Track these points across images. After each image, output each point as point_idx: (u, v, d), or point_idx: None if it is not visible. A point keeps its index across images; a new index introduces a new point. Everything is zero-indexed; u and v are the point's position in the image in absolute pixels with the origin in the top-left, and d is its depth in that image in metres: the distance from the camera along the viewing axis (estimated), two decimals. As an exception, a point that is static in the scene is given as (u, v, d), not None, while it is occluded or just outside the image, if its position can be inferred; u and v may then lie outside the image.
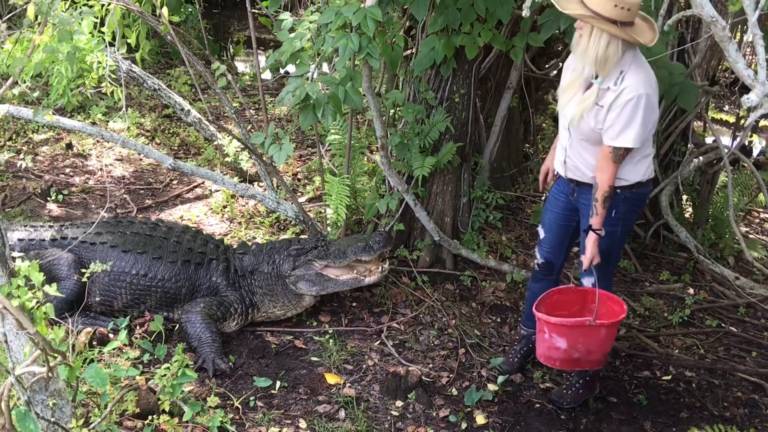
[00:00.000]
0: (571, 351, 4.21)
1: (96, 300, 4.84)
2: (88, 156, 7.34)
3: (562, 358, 4.27)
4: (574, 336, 4.18)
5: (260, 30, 10.03)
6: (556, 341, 4.22)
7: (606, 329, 4.17)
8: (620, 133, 3.87)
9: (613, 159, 3.94)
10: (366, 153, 6.53)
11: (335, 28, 4.48)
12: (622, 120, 3.85)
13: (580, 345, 4.19)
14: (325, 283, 4.97)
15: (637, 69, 3.84)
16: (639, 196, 4.20)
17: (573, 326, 4.18)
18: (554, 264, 4.55)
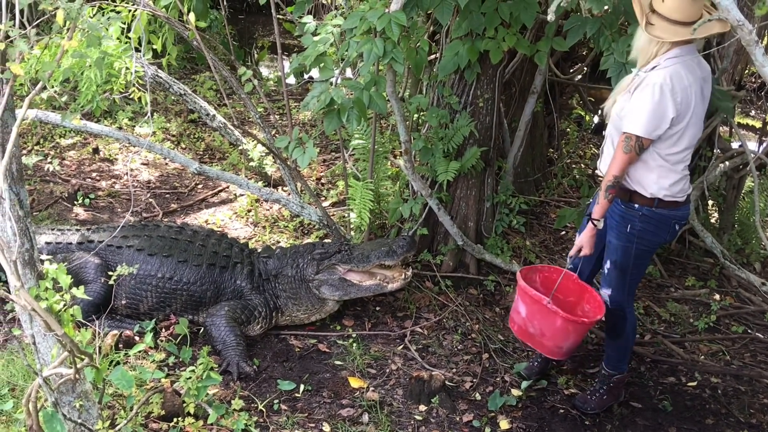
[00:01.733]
0: (527, 323, 4.29)
1: (122, 303, 4.89)
2: (114, 160, 7.41)
3: (519, 325, 4.38)
4: (531, 310, 4.25)
5: (285, 35, 10.08)
6: (518, 305, 4.32)
7: (562, 320, 4.15)
8: (632, 118, 3.86)
9: (624, 148, 3.90)
10: (389, 157, 6.55)
11: (360, 33, 4.49)
12: (634, 105, 3.86)
13: (536, 322, 4.25)
14: (348, 288, 4.99)
15: (670, 65, 3.81)
16: (660, 217, 4.08)
17: (530, 298, 4.23)
18: (582, 272, 4.51)
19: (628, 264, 4.20)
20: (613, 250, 4.22)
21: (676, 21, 3.74)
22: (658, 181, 4.01)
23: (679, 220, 4.19)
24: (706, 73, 3.99)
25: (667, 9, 3.74)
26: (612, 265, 4.25)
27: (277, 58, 6.05)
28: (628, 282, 4.31)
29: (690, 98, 3.84)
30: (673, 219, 4.14)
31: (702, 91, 3.94)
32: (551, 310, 4.15)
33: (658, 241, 4.26)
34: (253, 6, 13.49)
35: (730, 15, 2.55)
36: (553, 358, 4.49)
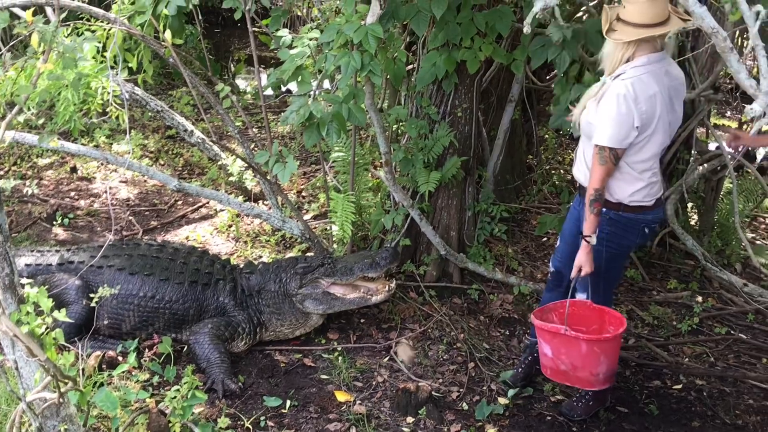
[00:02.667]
0: (556, 361, 4.21)
1: (104, 323, 4.85)
2: (92, 179, 7.37)
3: (551, 367, 4.29)
4: (555, 344, 4.20)
5: (261, 48, 10.06)
6: (543, 347, 4.26)
7: (585, 344, 4.12)
8: (600, 130, 3.88)
9: (598, 160, 3.92)
10: (370, 169, 6.55)
11: (337, 46, 4.49)
12: (601, 116, 3.88)
13: (563, 356, 4.19)
14: (331, 301, 4.97)
15: (635, 73, 3.83)
16: (627, 221, 4.11)
17: (549, 333, 4.19)
18: (564, 275, 4.53)
19: (599, 267, 4.20)
20: None
21: (637, 24, 3.77)
22: (624, 187, 4.05)
23: (649, 223, 4.21)
24: (676, 81, 4.00)
25: (629, 14, 3.77)
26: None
27: (254, 70, 6.04)
28: (602, 285, 4.33)
29: (655, 107, 3.85)
30: (641, 223, 4.17)
31: (671, 99, 3.94)
32: (572, 337, 4.11)
33: (628, 244, 4.28)
34: (229, 19, 13.43)
35: (704, 23, 2.57)
36: (596, 388, 4.35)
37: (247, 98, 10.19)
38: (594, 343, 4.14)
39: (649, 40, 3.79)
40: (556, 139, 8.43)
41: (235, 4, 5.21)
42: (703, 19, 2.59)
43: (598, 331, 4.33)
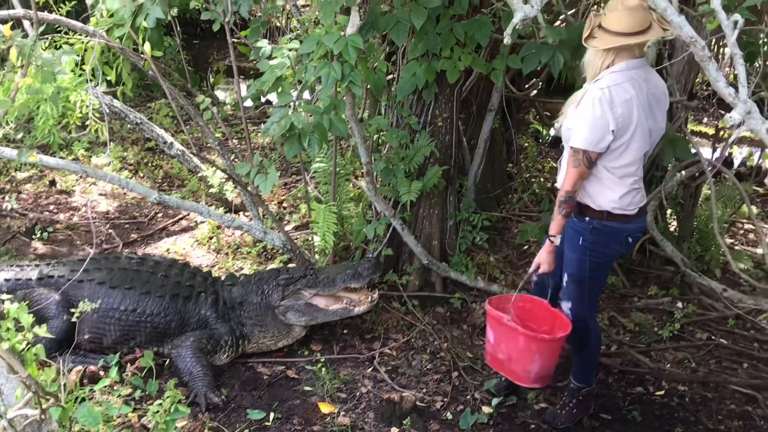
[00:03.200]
0: (496, 348, 4.32)
1: (85, 338, 4.80)
2: (71, 192, 7.31)
3: (491, 353, 4.42)
4: (498, 333, 4.30)
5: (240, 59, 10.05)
6: (488, 333, 4.37)
7: (524, 339, 4.18)
8: (576, 132, 3.90)
9: (573, 163, 3.93)
10: (351, 179, 6.54)
11: (317, 57, 4.49)
12: (577, 120, 3.90)
13: (503, 346, 4.29)
14: (314, 313, 4.96)
15: (612, 77, 3.85)
16: (610, 230, 4.10)
17: (496, 321, 4.27)
18: (546, 285, 4.54)
19: (583, 276, 4.22)
20: (568, 262, 4.25)
21: (616, 32, 3.80)
22: (606, 193, 4.03)
23: (632, 232, 4.20)
24: (657, 89, 4.02)
25: (609, 22, 3.80)
26: (569, 277, 4.28)
27: (233, 81, 6.03)
28: (586, 294, 4.33)
29: (632, 111, 3.85)
30: (624, 232, 4.16)
31: (650, 106, 3.95)
32: (512, 328, 4.17)
33: (611, 253, 4.29)
34: (207, 30, 13.40)
35: (683, 32, 2.59)
36: (525, 385, 4.44)
37: (226, 109, 10.16)
38: (531, 340, 4.20)
39: (627, 48, 3.82)
40: (536, 147, 8.47)
41: (214, 16, 5.20)
42: (682, 29, 2.61)
43: (548, 332, 4.38)
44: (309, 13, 6.49)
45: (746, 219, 7.91)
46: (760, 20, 6.44)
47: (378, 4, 5.04)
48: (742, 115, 2.47)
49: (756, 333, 5.79)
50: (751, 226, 7.89)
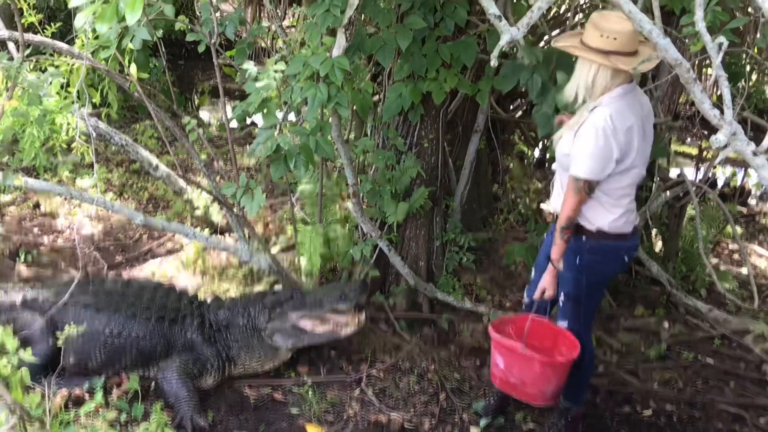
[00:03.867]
0: (507, 374, 4.24)
1: (70, 361, 4.74)
2: (56, 215, 7.25)
3: (500, 378, 4.31)
4: (509, 360, 4.22)
5: (225, 79, 10.04)
6: (496, 358, 4.28)
7: (539, 365, 4.15)
8: (579, 161, 3.86)
9: (574, 190, 3.92)
10: (338, 200, 6.54)
11: (303, 78, 4.50)
12: (580, 148, 3.85)
13: (515, 371, 4.22)
14: (300, 335, 4.93)
15: (613, 102, 3.81)
16: (607, 249, 4.11)
17: (505, 348, 4.22)
18: (539, 306, 4.55)
19: (580, 295, 4.23)
20: (565, 281, 4.24)
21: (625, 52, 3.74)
22: (604, 215, 4.03)
23: (628, 250, 4.21)
24: (647, 110, 4.04)
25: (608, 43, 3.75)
26: (565, 296, 4.28)
27: (218, 101, 6.02)
28: (582, 313, 4.32)
29: (632, 138, 3.85)
30: (621, 250, 4.17)
31: (645, 129, 3.96)
32: (528, 356, 4.13)
33: (608, 272, 4.31)
34: (193, 51, 13.41)
35: (668, 54, 2.61)
36: (539, 404, 4.42)
37: (212, 130, 10.14)
38: (547, 365, 4.17)
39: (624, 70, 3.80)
40: (522, 168, 8.50)
41: (199, 38, 5.21)
42: (667, 51, 2.63)
43: (550, 348, 4.38)
44: (295, 35, 6.51)
45: (731, 239, 7.97)
46: (743, 41, 6.53)
47: (364, 26, 5.07)
48: (727, 137, 2.49)
49: (742, 352, 5.81)
50: (735, 246, 7.94)
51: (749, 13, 5.86)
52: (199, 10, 5.44)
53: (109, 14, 2.24)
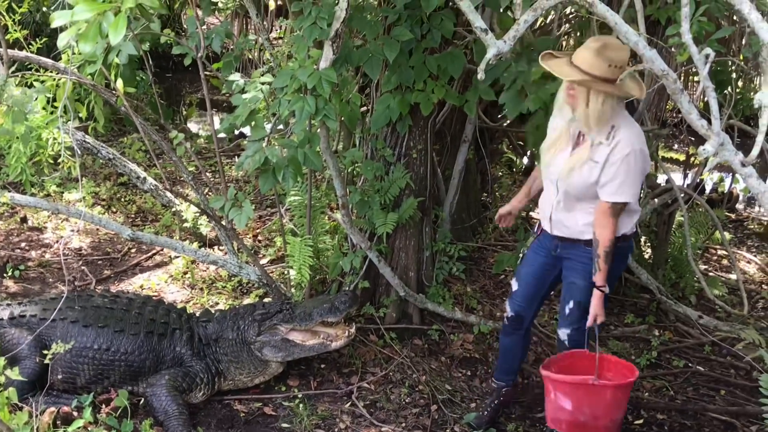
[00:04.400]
0: (576, 413, 4.12)
1: (58, 378, 4.71)
2: (43, 229, 7.22)
3: (568, 420, 4.19)
4: (578, 396, 4.12)
5: (213, 91, 10.03)
6: (561, 401, 4.16)
7: (611, 392, 4.10)
8: (619, 188, 3.91)
9: (611, 214, 3.97)
10: (327, 212, 6.53)
11: (291, 91, 4.49)
12: (620, 175, 3.89)
13: (585, 407, 4.11)
14: (290, 348, 4.90)
15: (628, 123, 3.92)
16: (619, 251, 4.16)
17: (576, 385, 4.12)
18: (524, 318, 4.55)
19: (588, 303, 4.23)
20: (578, 290, 4.25)
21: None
22: (627, 222, 4.14)
23: (631, 249, 4.37)
24: None
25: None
26: (576, 305, 4.27)
27: (207, 113, 6.00)
28: (585, 321, 4.33)
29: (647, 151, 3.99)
30: (628, 250, 4.31)
31: None
32: (599, 386, 4.06)
33: (618, 273, 4.46)
34: (180, 63, 13.38)
35: (654, 65, 2.61)
36: None
37: (200, 142, 10.12)
38: (619, 388, 4.12)
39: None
40: (510, 177, 8.51)
41: (185, 51, 5.20)
42: (654, 62, 2.64)
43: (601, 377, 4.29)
44: (282, 47, 6.51)
45: (719, 245, 7.99)
46: (729, 48, 6.56)
47: (351, 38, 5.07)
48: (715, 147, 2.49)
49: (732, 359, 5.81)
50: (724, 252, 7.96)
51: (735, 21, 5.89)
52: (186, 23, 5.43)
53: (92, 34, 2.22)
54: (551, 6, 2.70)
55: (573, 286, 4.27)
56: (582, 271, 4.21)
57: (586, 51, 3.77)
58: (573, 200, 4.12)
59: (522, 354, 4.80)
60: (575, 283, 4.25)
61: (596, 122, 3.86)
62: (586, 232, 4.13)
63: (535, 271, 4.46)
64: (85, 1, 2.10)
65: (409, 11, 4.99)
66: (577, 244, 4.19)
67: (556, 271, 4.42)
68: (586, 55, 3.76)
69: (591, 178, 3.96)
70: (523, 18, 2.67)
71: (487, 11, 5.27)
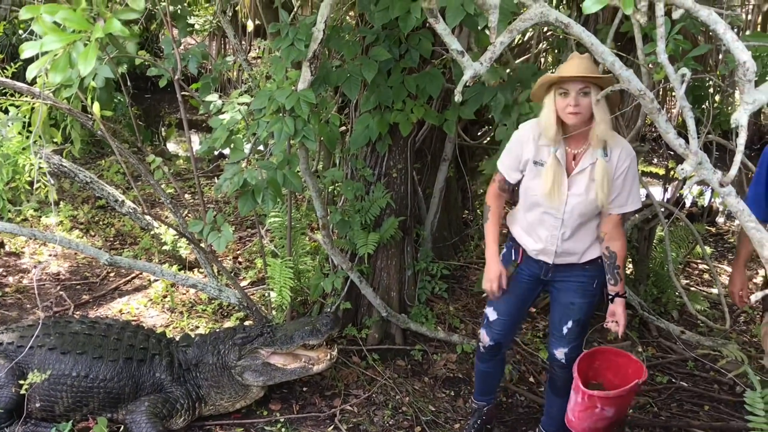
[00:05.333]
0: (614, 417, 4.21)
1: (36, 406, 4.63)
2: (21, 254, 7.14)
3: (605, 427, 4.24)
4: (620, 401, 4.18)
5: (191, 111, 10.00)
6: (606, 412, 4.17)
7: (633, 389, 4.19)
8: (629, 197, 3.91)
9: (623, 225, 4.04)
10: (307, 233, 6.49)
11: (269, 113, 4.46)
12: (628, 185, 3.88)
13: (623, 407, 4.25)
14: (272, 372, 4.85)
15: (615, 135, 3.86)
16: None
17: (628, 393, 4.16)
18: (503, 345, 4.51)
19: (588, 319, 4.26)
20: (578, 309, 4.21)
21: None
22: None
23: None
24: None
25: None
26: (575, 323, 4.23)
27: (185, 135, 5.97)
28: (582, 335, 4.33)
29: None
30: None
31: None
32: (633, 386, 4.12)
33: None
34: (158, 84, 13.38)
35: (631, 85, 2.61)
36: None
37: (179, 163, 10.06)
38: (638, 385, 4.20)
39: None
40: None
41: (161, 73, 5.17)
42: (630, 82, 2.63)
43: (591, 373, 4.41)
44: (260, 67, 6.48)
45: (700, 259, 8.01)
46: (706, 64, 6.61)
47: (329, 59, 5.06)
48: (693, 167, 2.48)
49: (716, 375, 5.82)
50: (705, 267, 7.98)
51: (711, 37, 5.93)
52: (163, 44, 5.40)
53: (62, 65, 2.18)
54: (527, 27, 2.70)
55: (572, 306, 4.21)
56: (580, 290, 4.18)
57: (579, 59, 3.73)
58: (579, 228, 4.03)
59: (500, 374, 4.75)
60: (574, 303, 4.20)
61: (609, 127, 3.75)
62: (588, 253, 4.11)
63: (517, 299, 4.35)
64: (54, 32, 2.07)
65: (387, 31, 4.99)
66: (576, 266, 4.16)
67: (537, 292, 4.39)
68: (583, 63, 3.71)
69: (590, 195, 3.89)
70: (499, 40, 2.66)
71: (465, 30, 5.28)
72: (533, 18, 2.66)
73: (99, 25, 2.10)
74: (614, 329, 4.12)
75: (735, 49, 2.28)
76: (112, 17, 2.15)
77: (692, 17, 2.44)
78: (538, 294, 4.41)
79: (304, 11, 6.35)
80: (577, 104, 3.70)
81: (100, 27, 2.10)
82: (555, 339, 4.35)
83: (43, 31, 2.10)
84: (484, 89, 4.87)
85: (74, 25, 2.13)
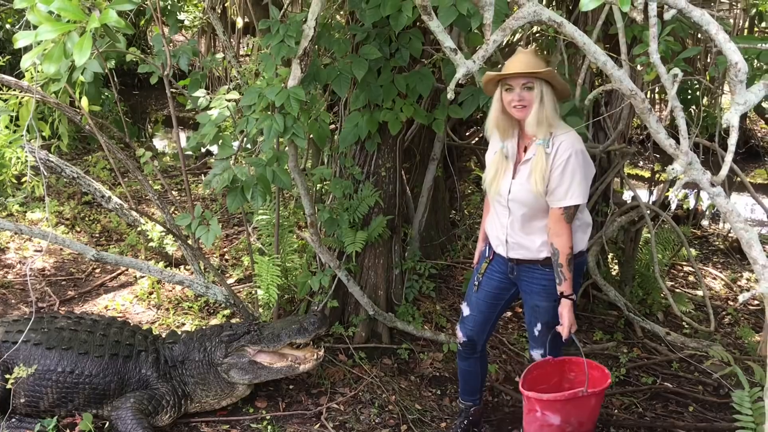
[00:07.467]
0: (564, 426, 4.12)
1: (20, 401, 4.60)
2: (6, 249, 7.10)
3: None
4: (567, 410, 4.10)
5: (179, 108, 9.96)
6: (549, 418, 4.13)
7: (595, 398, 4.13)
8: (567, 191, 3.85)
9: (566, 220, 3.92)
10: (295, 230, 6.48)
11: (259, 109, 4.46)
12: (567, 178, 3.83)
13: (573, 418, 4.12)
14: (258, 371, 4.84)
15: (564, 128, 3.88)
16: (578, 267, 4.14)
17: (567, 400, 4.08)
18: (477, 342, 4.51)
19: (555, 320, 4.21)
20: (543, 312, 4.21)
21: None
22: (581, 237, 4.11)
23: (585, 264, 4.42)
24: None
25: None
26: (544, 326, 4.25)
27: (173, 130, 5.95)
28: (555, 337, 4.30)
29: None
30: (583, 265, 4.30)
31: None
32: (585, 396, 4.05)
33: (576, 289, 4.34)
34: (146, 80, 13.31)
35: (623, 85, 2.62)
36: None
37: (166, 160, 10.03)
38: (600, 394, 4.17)
39: None
40: (479, 194, 8.53)
41: (152, 69, 5.15)
42: (622, 82, 2.64)
43: (559, 383, 4.35)
44: (249, 65, 6.47)
45: (685, 261, 8.06)
46: (694, 67, 6.65)
47: (319, 56, 5.05)
48: (683, 167, 2.50)
49: (700, 376, 5.84)
50: (690, 269, 8.03)
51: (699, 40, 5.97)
52: (152, 41, 5.39)
53: (57, 55, 2.17)
54: (520, 26, 2.70)
55: (537, 309, 4.24)
56: (543, 293, 4.17)
57: (523, 54, 3.83)
58: (527, 219, 4.05)
59: (482, 374, 4.75)
60: (539, 306, 4.22)
61: (552, 118, 3.84)
62: (543, 251, 4.08)
63: (487, 295, 4.38)
64: (49, 21, 2.06)
65: (378, 30, 4.99)
66: (535, 265, 4.14)
67: (511, 293, 4.40)
68: (525, 58, 3.80)
69: (538, 187, 3.90)
70: (492, 38, 2.67)
71: (455, 30, 5.28)
72: (526, 16, 2.66)
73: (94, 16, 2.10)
74: (559, 330, 4.11)
75: (727, 50, 2.29)
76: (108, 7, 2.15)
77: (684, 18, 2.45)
78: (513, 294, 4.41)
79: (294, 8, 6.34)
80: (521, 99, 3.82)
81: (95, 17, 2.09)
82: (531, 340, 4.41)
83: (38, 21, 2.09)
84: (480, 92, 4.87)
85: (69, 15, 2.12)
